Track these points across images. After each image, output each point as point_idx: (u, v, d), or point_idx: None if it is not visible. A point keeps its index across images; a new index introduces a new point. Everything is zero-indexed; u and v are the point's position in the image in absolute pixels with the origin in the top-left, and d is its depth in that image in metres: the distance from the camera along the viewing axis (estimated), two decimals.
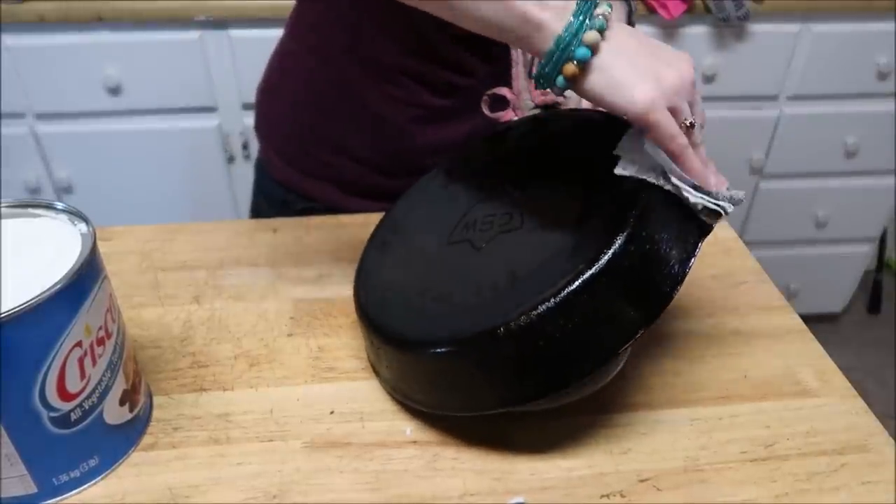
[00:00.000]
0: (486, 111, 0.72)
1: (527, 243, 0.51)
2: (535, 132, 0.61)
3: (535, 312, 0.44)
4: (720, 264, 0.69)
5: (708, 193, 0.48)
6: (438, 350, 0.48)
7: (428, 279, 0.54)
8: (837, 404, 0.55)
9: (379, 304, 0.54)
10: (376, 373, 0.56)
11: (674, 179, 0.48)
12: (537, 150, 0.59)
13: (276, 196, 0.84)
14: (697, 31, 1.42)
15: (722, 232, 0.74)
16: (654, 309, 0.46)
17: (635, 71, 0.47)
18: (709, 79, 1.47)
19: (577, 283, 0.44)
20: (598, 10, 0.47)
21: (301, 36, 0.77)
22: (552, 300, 0.44)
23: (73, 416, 0.44)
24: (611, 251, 0.44)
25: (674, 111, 0.48)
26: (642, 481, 0.48)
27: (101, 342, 0.45)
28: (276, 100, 0.81)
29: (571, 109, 0.64)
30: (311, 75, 0.75)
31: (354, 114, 0.75)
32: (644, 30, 1.40)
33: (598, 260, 0.44)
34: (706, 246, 0.70)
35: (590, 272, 0.44)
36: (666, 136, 0.48)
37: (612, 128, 0.52)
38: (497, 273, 0.50)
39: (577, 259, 0.45)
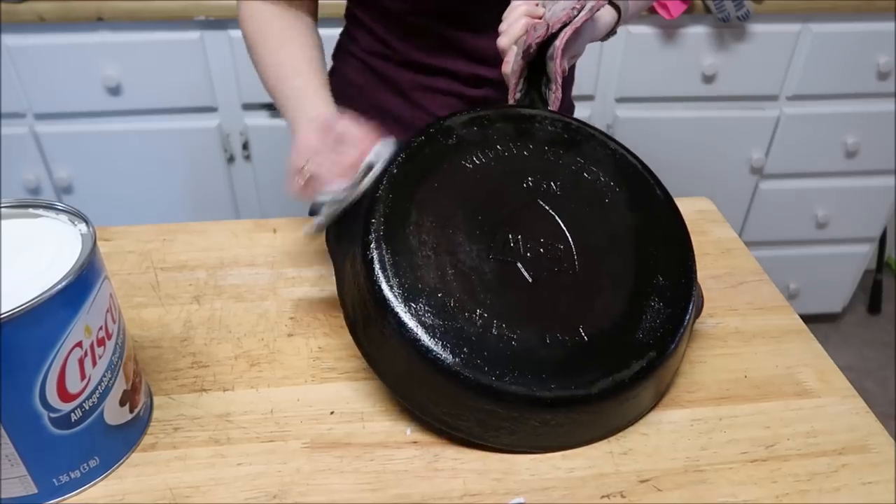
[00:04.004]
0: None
1: (586, 297, 0.53)
2: (561, 131, 0.60)
3: (610, 387, 0.49)
4: (720, 264, 0.69)
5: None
6: (509, 400, 0.48)
7: (479, 300, 0.50)
8: (837, 404, 0.55)
9: (420, 313, 0.49)
10: (380, 373, 0.53)
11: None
12: (564, 153, 0.59)
13: None
14: (697, 31, 1.42)
15: (722, 232, 0.74)
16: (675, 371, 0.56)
17: None
18: (709, 79, 1.47)
19: (644, 368, 0.50)
20: None
21: (345, 39, 0.88)
22: (625, 378, 0.50)
23: (74, 417, 0.44)
24: (674, 344, 0.52)
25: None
26: (643, 482, 0.48)
27: (101, 342, 0.45)
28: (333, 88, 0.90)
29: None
30: (357, 71, 0.85)
31: (397, 104, 0.81)
32: (644, 30, 1.40)
33: (664, 352, 0.51)
34: (706, 246, 0.71)
35: (656, 361, 0.51)
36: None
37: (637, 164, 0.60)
38: (562, 324, 0.51)
39: (645, 345, 0.51)
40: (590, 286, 0.53)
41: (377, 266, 0.50)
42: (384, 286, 0.49)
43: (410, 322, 0.48)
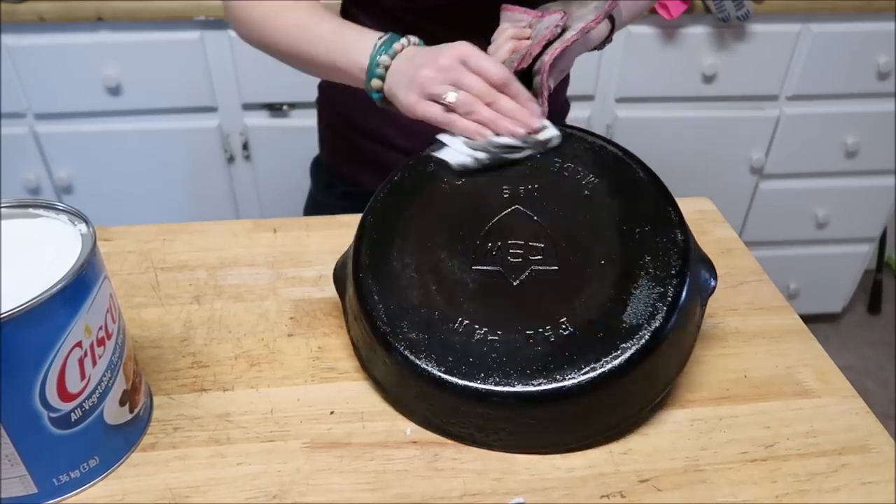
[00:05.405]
0: None
1: (571, 291, 0.52)
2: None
3: (601, 375, 0.48)
4: (720, 264, 0.69)
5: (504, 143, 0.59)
6: (497, 401, 0.48)
7: (461, 309, 0.52)
8: (837, 404, 0.55)
9: (405, 330, 0.51)
10: (386, 395, 0.54)
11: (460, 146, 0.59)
12: (541, 156, 0.60)
13: (322, 180, 0.95)
14: (697, 31, 1.42)
15: (722, 232, 0.74)
16: (684, 358, 0.54)
17: (401, 84, 0.61)
18: (709, 79, 1.47)
19: (637, 354, 0.49)
20: (393, 47, 0.62)
21: None
22: (615, 364, 0.48)
23: (74, 417, 0.44)
24: (668, 325, 0.50)
25: (436, 96, 0.59)
26: (642, 482, 0.48)
27: (101, 342, 0.45)
28: (325, 92, 0.93)
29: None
30: None
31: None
32: (644, 30, 1.40)
33: (658, 333, 0.49)
34: (706, 246, 0.71)
35: (648, 344, 0.49)
36: (435, 121, 0.59)
37: (622, 156, 0.59)
38: (545, 320, 0.51)
39: (635, 328, 0.49)
40: (574, 280, 0.53)
41: (366, 293, 0.53)
42: (372, 311, 0.52)
43: (396, 341, 0.51)
